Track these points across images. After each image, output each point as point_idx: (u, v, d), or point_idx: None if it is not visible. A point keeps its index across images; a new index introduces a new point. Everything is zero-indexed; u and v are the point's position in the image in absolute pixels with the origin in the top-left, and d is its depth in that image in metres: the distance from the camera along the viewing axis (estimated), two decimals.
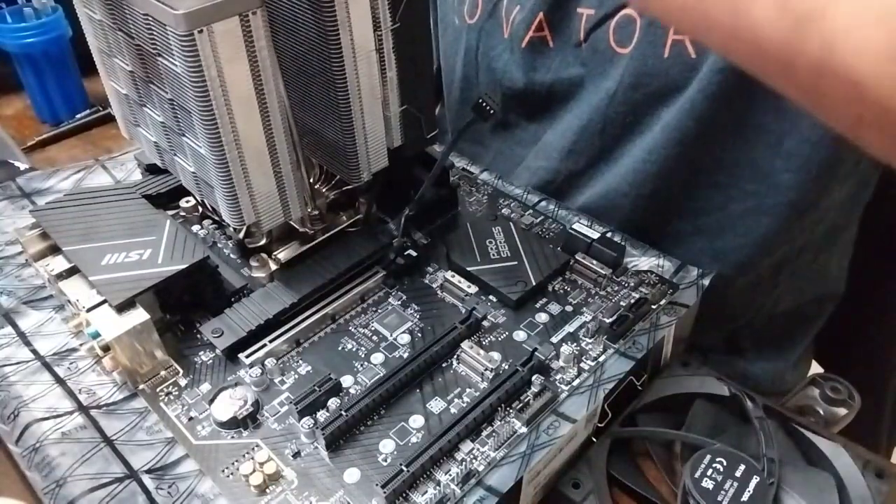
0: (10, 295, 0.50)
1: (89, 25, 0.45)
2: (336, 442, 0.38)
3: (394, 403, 0.40)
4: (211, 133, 0.38)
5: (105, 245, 0.44)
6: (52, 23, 0.70)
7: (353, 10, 0.39)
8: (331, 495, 0.36)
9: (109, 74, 0.47)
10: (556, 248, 0.50)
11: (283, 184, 0.43)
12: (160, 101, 0.42)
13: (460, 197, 0.56)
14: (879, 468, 0.38)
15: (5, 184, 0.63)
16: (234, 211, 0.42)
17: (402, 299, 0.47)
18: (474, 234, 0.50)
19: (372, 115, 0.44)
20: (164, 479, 0.38)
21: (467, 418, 0.37)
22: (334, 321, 0.46)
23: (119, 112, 0.49)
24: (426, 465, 0.36)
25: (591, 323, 0.44)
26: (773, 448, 0.38)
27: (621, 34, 0.49)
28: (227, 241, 0.51)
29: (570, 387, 0.40)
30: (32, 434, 0.41)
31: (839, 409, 0.47)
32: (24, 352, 0.46)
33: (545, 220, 0.53)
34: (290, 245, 0.48)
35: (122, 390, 0.43)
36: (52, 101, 0.75)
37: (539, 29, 0.54)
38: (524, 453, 0.37)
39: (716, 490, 0.35)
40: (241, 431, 0.39)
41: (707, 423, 0.40)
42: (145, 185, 0.52)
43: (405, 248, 0.49)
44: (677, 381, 0.43)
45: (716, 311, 0.49)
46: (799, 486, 0.37)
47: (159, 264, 0.43)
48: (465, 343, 0.42)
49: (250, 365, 0.42)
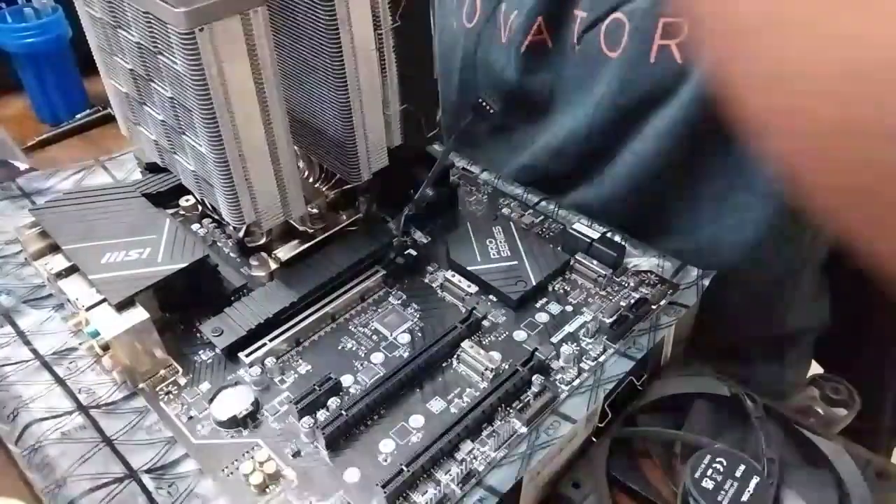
0: (10, 294, 0.50)
1: (90, 23, 0.45)
2: (336, 441, 0.38)
3: (394, 403, 0.40)
4: (211, 131, 0.38)
5: (105, 244, 0.44)
6: (52, 23, 0.70)
7: (353, 8, 0.39)
8: (331, 495, 0.36)
9: (109, 73, 0.47)
10: (556, 248, 0.50)
11: (283, 183, 0.43)
12: (160, 99, 0.41)
13: (460, 197, 0.56)
14: (879, 468, 0.38)
15: (5, 184, 0.62)
16: (235, 210, 0.42)
17: (402, 299, 0.47)
18: (474, 233, 0.50)
19: (372, 114, 0.44)
20: (163, 478, 0.38)
21: (467, 418, 0.37)
22: (334, 320, 0.45)
23: (119, 111, 0.49)
24: (426, 465, 0.36)
25: (591, 323, 0.44)
26: (773, 448, 0.38)
27: (611, 38, 0.49)
28: (226, 239, 0.51)
29: (570, 387, 0.40)
30: (32, 434, 0.41)
31: (839, 409, 0.47)
32: (24, 351, 0.46)
33: (545, 220, 0.53)
34: (290, 244, 0.48)
35: (122, 389, 0.43)
36: (52, 101, 0.75)
37: (538, 32, 0.54)
38: (524, 453, 0.37)
39: (716, 490, 0.35)
40: (240, 431, 0.39)
41: (707, 423, 0.40)
42: (145, 183, 0.52)
43: (405, 247, 0.49)
44: (677, 381, 0.43)
45: (714, 321, 0.48)
46: (799, 487, 0.37)
47: (159, 263, 0.43)
48: (465, 343, 0.42)
49: (250, 364, 0.42)
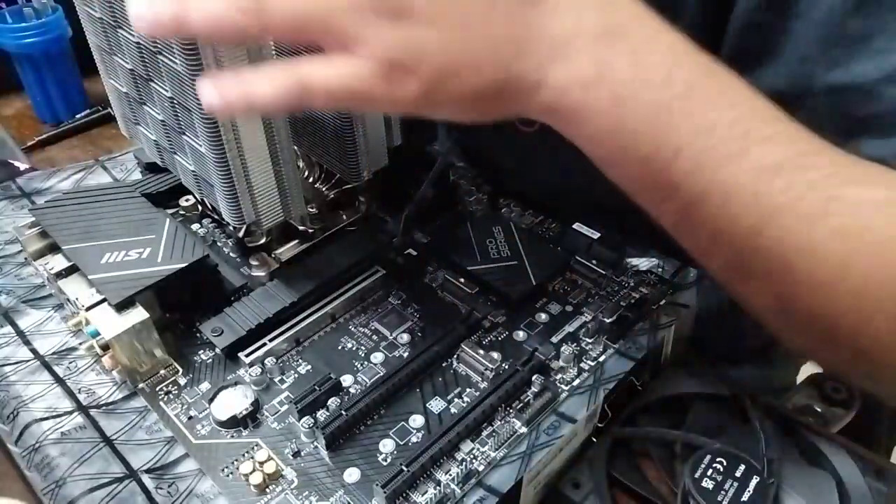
0: (10, 294, 0.50)
1: (89, 23, 0.45)
2: (336, 441, 0.38)
3: (394, 403, 0.40)
4: (211, 131, 0.38)
5: (104, 244, 0.44)
6: (52, 23, 0.70)
7: None
8: (331, 495, 0.36)
9: (109, 73, 0.47)
10: (556, 248, 0.50)
11: (283, 183, 0.43)
12: (160, 99, 0.41)
13: (460, 197, 0.56)
14: (879, 468, 0.38)
15: (5, 184, 0.62)
16: (234, 210, 0.42)
17: (402, 299, 0.47)
18: (474, 233, 0.50)
19: (372, 113, 0.44)
20: (163, 478, 0.38)
21: (467, 418, 0.37)
22: (334, 320, 0.45)
23: (119, 110, 0.49)
24: (426, 465, 0.36)
25: (591, 323, 0.44)
26: (773, 448, 0.38)
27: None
28: (226, 239, 0.51)
29: (570, 387, 0.40)
30: (32, 434, 0.41)
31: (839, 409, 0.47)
32: (24, 351, 0.46)
33: (545, 220, 0.53)
34: (290, 244, 0.48)
35: (122, 389, 0.43)
36: (52, 101, 0.75)
37: None
38: (524, 453, 0.37)
39: (716, 490, 0.35)
40: (240, 431, 0.39)
41: (707, 423, 0.40)
42: (145, 183, 0.52)
43: (405, 247, 0.49)
44: (677, 381, 0.43)
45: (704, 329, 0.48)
46: (799, 486, 0.37)
47: (159, 263, 0.43)
48: (465, 343, 0.42)
49: (250, 364, 0.42)
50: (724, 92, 0.31)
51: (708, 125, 0.30)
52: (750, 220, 0.31)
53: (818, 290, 0.31)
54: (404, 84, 0.30)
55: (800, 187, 0.30)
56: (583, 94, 0.30)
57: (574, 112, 0.31)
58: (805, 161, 0.31)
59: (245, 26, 0.29)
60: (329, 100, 0.31)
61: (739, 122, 0.30)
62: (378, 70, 0.30)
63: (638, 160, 0.32)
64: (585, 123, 0.31)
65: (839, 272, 0.31)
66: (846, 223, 0.30)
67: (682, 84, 0.30)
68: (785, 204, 0.30)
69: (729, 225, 0.31)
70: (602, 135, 0.32)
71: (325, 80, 0.30)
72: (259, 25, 0.29)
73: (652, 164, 0.31)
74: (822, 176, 0.31)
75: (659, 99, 0.30)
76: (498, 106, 0.32)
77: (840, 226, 0.30)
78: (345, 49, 0.30)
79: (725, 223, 0.31)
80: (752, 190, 0.30)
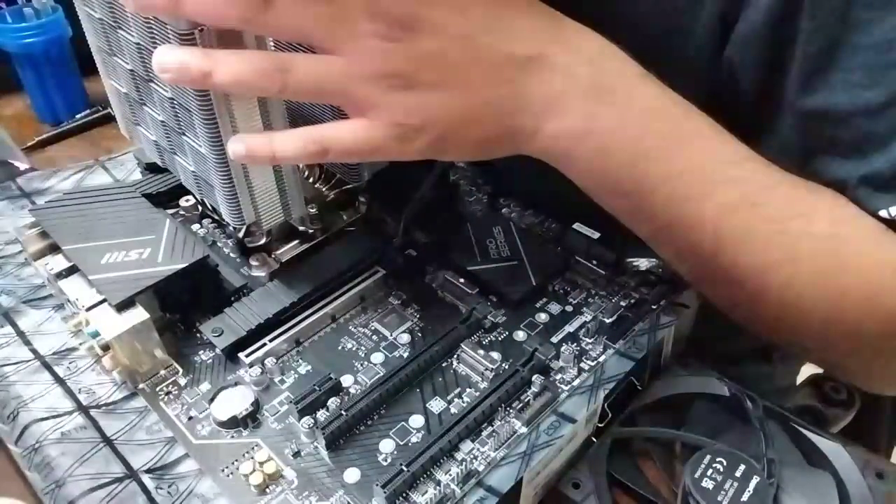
0: (10, 294, 0.50)
1: (89, 24, 0.45)
2: (336, 441, 0.38)
3: (394, 403, 0.40)
4: (211, 132, 0.38)
5: (105, 244, 0.44)
6: (52, 23, 0.70)
7: None
8: (331, 495, 0.36)
9: (109, 73, 0.47)
10: (555, 248, 0.50)
11: (283, 183, 0.43)
12: (160, 99, 0.42)
13: (460, 197, 0.56)
14: (879, 468, 0.38)
15: (5, 184, 0.63)
16: (234, 210, 0.42)
17: (402, 299, 0.47)
18: (474, 233, 0.50)
19: None
20: (163, 478, 0.38)
21: (467, 418, 0.37)
22: (334, 321, 0.45)
23: (119, 111, 0.49)
24: (426, 465, 0.36)
25: (591, 323, 0.44)
26: (773, 448, 0.38)
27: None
28: (226, 240, 0.51)
29: (570, 387, 0.40)
30: (32, 434, 0.41)
31: (839, 409, 0.47)
32: (24, 351, 0.46)
33: (545, 220, 0.53)
34: (290, 244, 0.48)
35: (122, 390, 0.43)
36: (52, 101, 0.75)
37: None
38: (524, 453, 0.37)
39: (716, 490, 0.35)
40: (240, 431, 0.39)
41: (707, 423, 0.40)
42: (145, 183, 0.52)
43: (405, 247, 0.49)
44: (677, 381, 0.43)
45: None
46: (799, 486, 0.37)
47: (159, 263, 0.43)
48: (465, 343, 0.42)
49: (250, 364, 0.42)
50: (694, 140, 0.37)
51: (679, 170, 0.36)
52: (710, 246, 0.38)
53: (766, 301, 0.39)
54: (414, 141, 0.35)
55: (753, 221, 0.37)
56: (573, 143, 0.36)
57: (565, 156, 0.37)
58: (760, 197, 0.37)
59: (266, 89, 0.33)
60: (345, 156, 0.37)
61: (706, 166, 0.37)
62: (391, 132, 0.34)
63: (617, 194, 0.39)
64: (574, 165, 0.38)
65: (783, 291, 0.38)
66: (790, 254, 0.37)
67: (657, 135, 0.36)
68: (739, 237, 0.37)
69: (692, 247, 0.39)
70: (588, 174, 0.38)
71: (343, 142, 0.35)
72: (280, 90, 0.33)
73: (630, 198, 0.38)
74: (774, 210, 0.37)
75: (637, 149, 0.36)
76: (499, 150, 0.38)
77: (784, 257, 0.37)
78: (360, 113, 0.35)
79: (688, 245, 0.39)
80: (713, 225, 0.37)
